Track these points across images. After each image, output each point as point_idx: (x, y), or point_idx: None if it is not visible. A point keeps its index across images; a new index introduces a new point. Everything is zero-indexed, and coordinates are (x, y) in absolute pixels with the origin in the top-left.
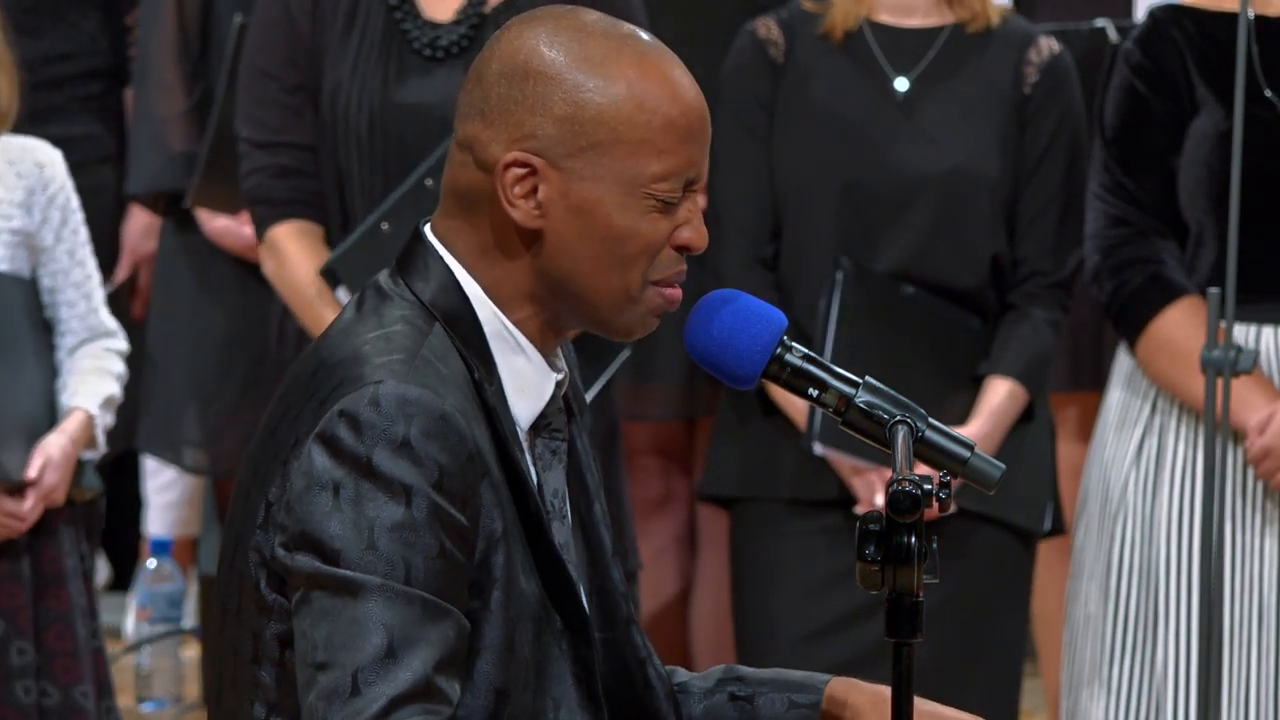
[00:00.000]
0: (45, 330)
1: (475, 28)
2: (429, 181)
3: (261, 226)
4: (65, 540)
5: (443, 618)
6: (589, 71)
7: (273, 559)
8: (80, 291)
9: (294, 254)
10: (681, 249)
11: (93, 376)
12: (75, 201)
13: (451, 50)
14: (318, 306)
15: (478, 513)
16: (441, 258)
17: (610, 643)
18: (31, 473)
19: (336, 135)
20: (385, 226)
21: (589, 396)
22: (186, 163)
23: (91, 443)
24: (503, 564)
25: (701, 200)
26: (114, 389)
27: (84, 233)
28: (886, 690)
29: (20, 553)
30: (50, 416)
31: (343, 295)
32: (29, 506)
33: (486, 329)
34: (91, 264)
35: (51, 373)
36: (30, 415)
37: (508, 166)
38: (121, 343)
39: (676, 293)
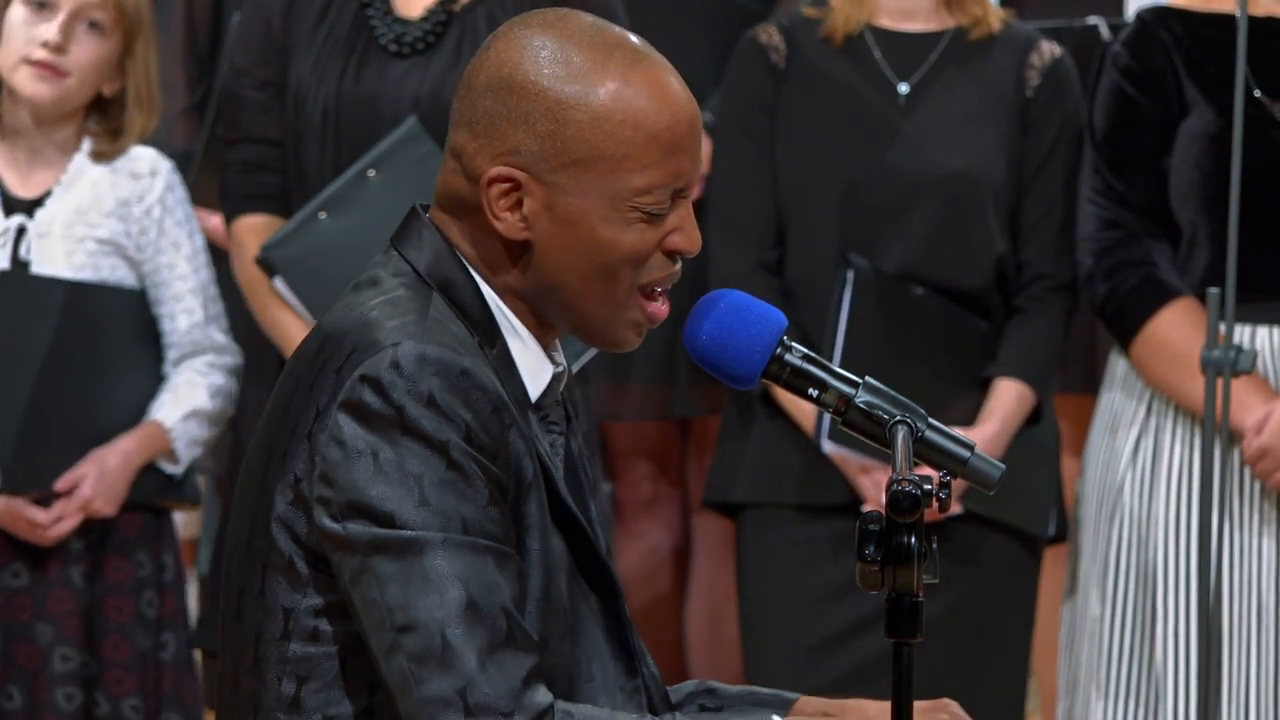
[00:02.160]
0: (155, 342)
1: (442, 24)
2: (371, 173)
3: (228, 220)
4: (137, 550)
5: (507, 561)
6: (572, 86)
7: (309, 534)
8: (181, 305)
9: (248, 246)
10: (673, 253)
11: (183, 389)
12: (181, 214)
13: (416, 47)
14: (261, 296)
15: (508, 462)
16: (436, 230)
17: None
18: (61, 485)
19: (298, 128)
20: (323, 216)
21: None
22: (186, 160)
23: (170, 456)
24: (536, 512)
25: (696, 190)
26: (202, 402)
27: (189, 247)
28: (854, 703)
29: (71, 560)
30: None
31: (279, 285)
32: (48, 517)
33: (487, 302)
34: (197, 279)
35: (159, 384)
36: (107, 426)
37: (491, 182)
38: (230, 358)
39: (661, 310)
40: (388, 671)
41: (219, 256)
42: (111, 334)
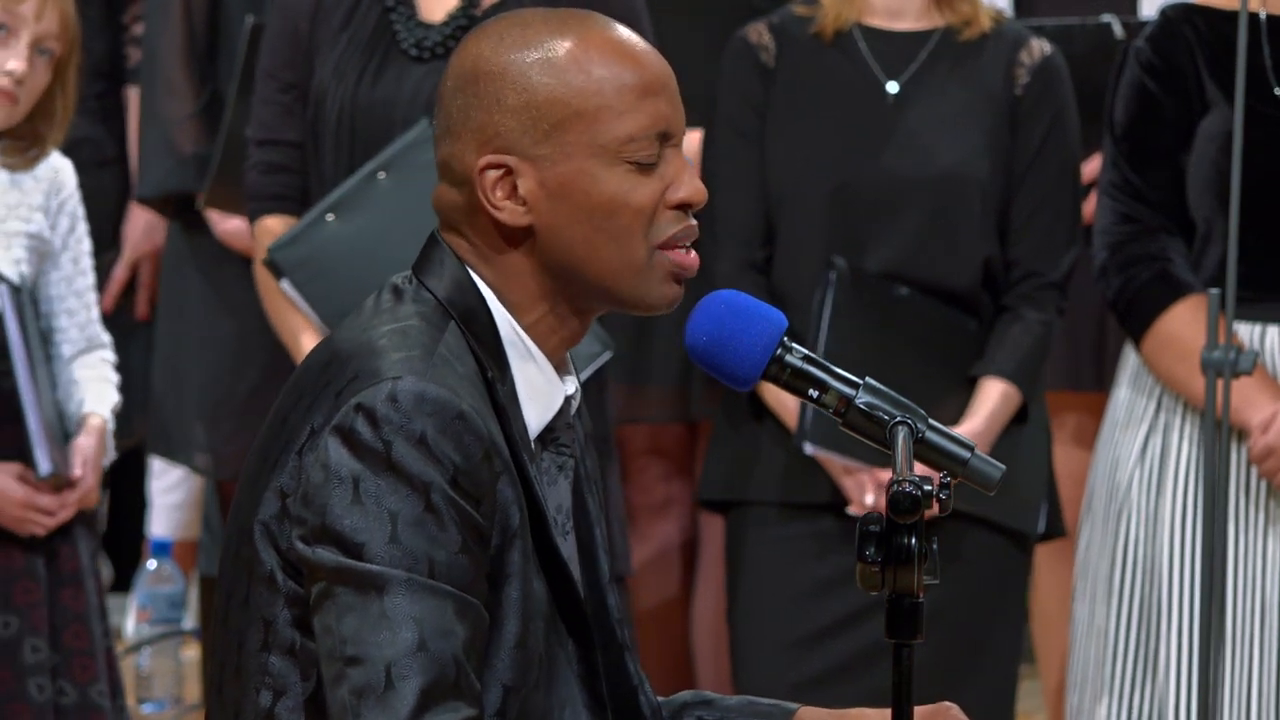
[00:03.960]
0: (42, 339)
1: (462, 28)
2: (381, 175)
3: (251, 221)
4: (80, 540)
5: (467, 611)
6: (533, 57)
7: (289, 549)
8: (82, 301)
9: (266, 247)
10: (680, 207)
11: (101, 385)
12: (82, 210)
13: (436, 51)
14: (275, 298)
15: (493, 510)
16: (455, 257)
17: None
18: (78, 471)
19: (317, 131)
20: (330, 218)
21: None
22: (197, 165)
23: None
24: (518, 560)
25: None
26: (117, 398)
27: (88, 242)
28: (855, 713)
29: (36, 550)
30: (59, 423)
31: (286, 287)
32: (65, 506)
33: (501, 335)
34: (92, 275)
35: (51, 381)
36: (52, 419)
37: (482, 171)
38: (113, 354)
39: (690, 257)
40: (330, 699)
41: (223, 258)
42: (34, 331)
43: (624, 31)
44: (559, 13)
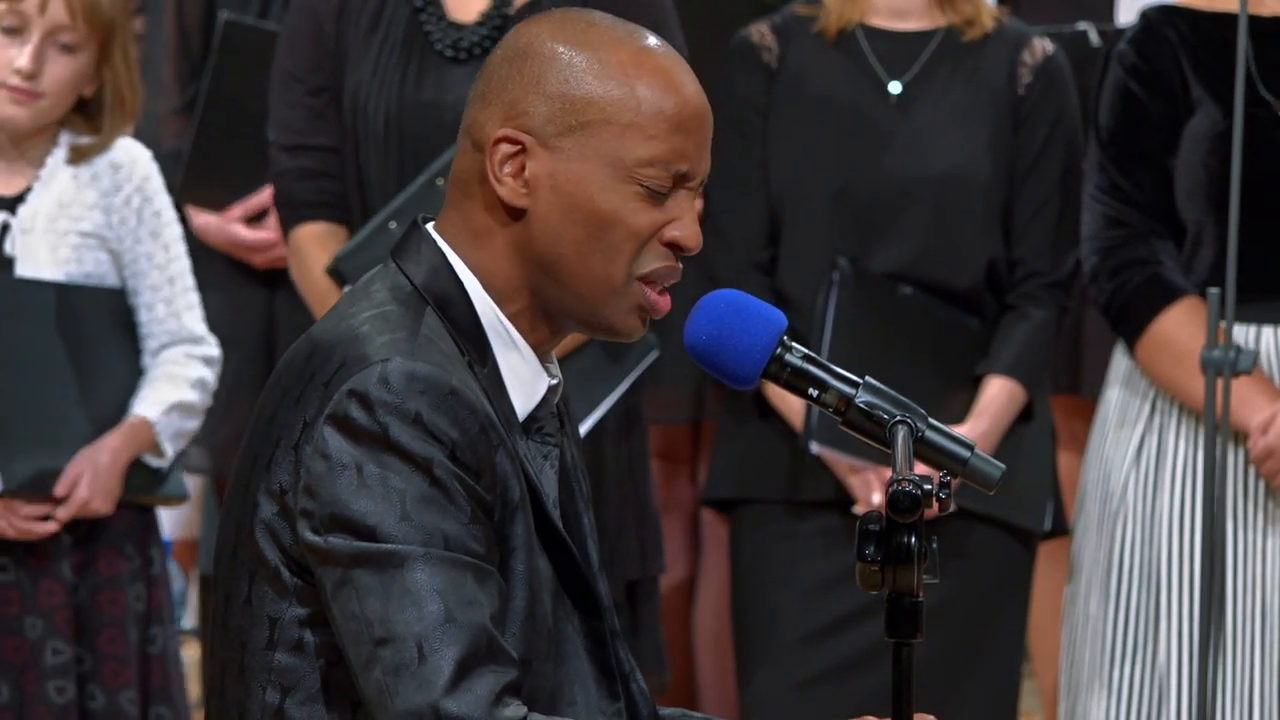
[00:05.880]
0: (134, 335)
1: (498, 29)
2: (440, 181)
3: (286, 228)
4: (126, 544)
5: (487, 579)
6: (585, 55)
7: (294, 544)
8: (158, 295)
9: (313, 255)
10: (671, 246)
11: (162, 383)
12: (159, 204)
13: (474, 51)
14: (329, 305)
15: (493, 482)
16: (435, 243)
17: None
18: (60, 490)
19: (357, 135)
20: (393, 225)
21: (614, 396)
22: (175, 161)
23: (155, 450)
24: (521, 533)
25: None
26: (184, 395)
27: (167, 235)
28: None
29: (62, 553)
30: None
31: None
32: (49, 524)
33: (483, 321)
34: (176, 267)
35: (138, 377)
36: (100, 426)
37: (497, 142)
38: (208, 349)
39: (663, 300)
40: (365, 684)
41: (205, 252)
42: (95, 333)
43: (681, 65)
44: (625, 23)
